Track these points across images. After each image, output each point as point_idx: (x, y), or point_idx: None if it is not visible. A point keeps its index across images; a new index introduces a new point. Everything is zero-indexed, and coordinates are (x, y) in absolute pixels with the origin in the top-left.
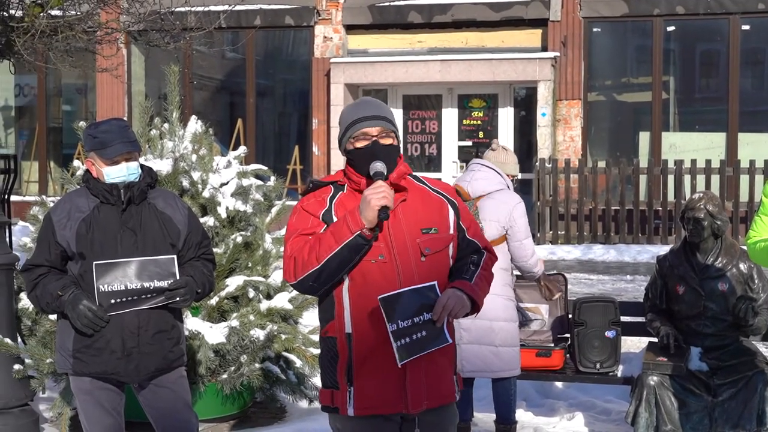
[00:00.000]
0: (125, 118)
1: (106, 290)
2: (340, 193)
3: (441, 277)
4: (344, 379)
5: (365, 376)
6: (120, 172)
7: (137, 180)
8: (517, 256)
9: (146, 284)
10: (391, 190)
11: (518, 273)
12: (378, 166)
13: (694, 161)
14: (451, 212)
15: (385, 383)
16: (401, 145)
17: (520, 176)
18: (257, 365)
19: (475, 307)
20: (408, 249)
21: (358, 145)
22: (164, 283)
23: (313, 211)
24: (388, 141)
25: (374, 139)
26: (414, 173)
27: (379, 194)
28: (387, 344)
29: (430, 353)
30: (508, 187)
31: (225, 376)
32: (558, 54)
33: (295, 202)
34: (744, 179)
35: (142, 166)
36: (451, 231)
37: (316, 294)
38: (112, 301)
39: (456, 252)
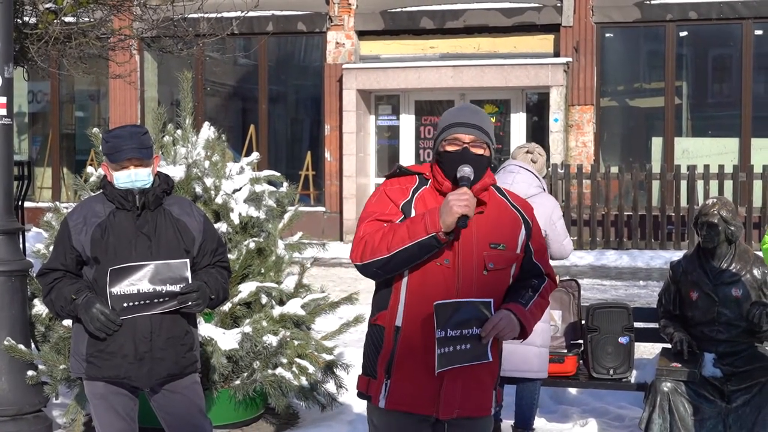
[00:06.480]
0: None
1: (119, 293)
2: (424, 187)
3: (498, 293)
4: (383, 370)
5: (404, 372)
6: (127, 178)
7: (150, 186)
8: (558, 254)
9: (158, 288)
10: (474, 199)
11: None
12: (466, 170)
13: (707, 167)
14: (523, 231)
15: (422, 384)
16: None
17: None
18: (270, 371)
19: (524, 333)
20: (473, 260)
21: (449, 148)
22: (176, 288)
23: (394, 198)
24: (479, 151)
25: (465, 145)
26: (498, 185)
27: (462, 202)
28: (431, 346)
29: (471, 366)
30: (544, 189)
31: (238, 382)
32: (570, 59)
33: (307, 209)
34: (757, 184)
35: (159, 174)
36: (519, 251)
37: (376, 279)
38: (125, 304)
39: (518, 272)
